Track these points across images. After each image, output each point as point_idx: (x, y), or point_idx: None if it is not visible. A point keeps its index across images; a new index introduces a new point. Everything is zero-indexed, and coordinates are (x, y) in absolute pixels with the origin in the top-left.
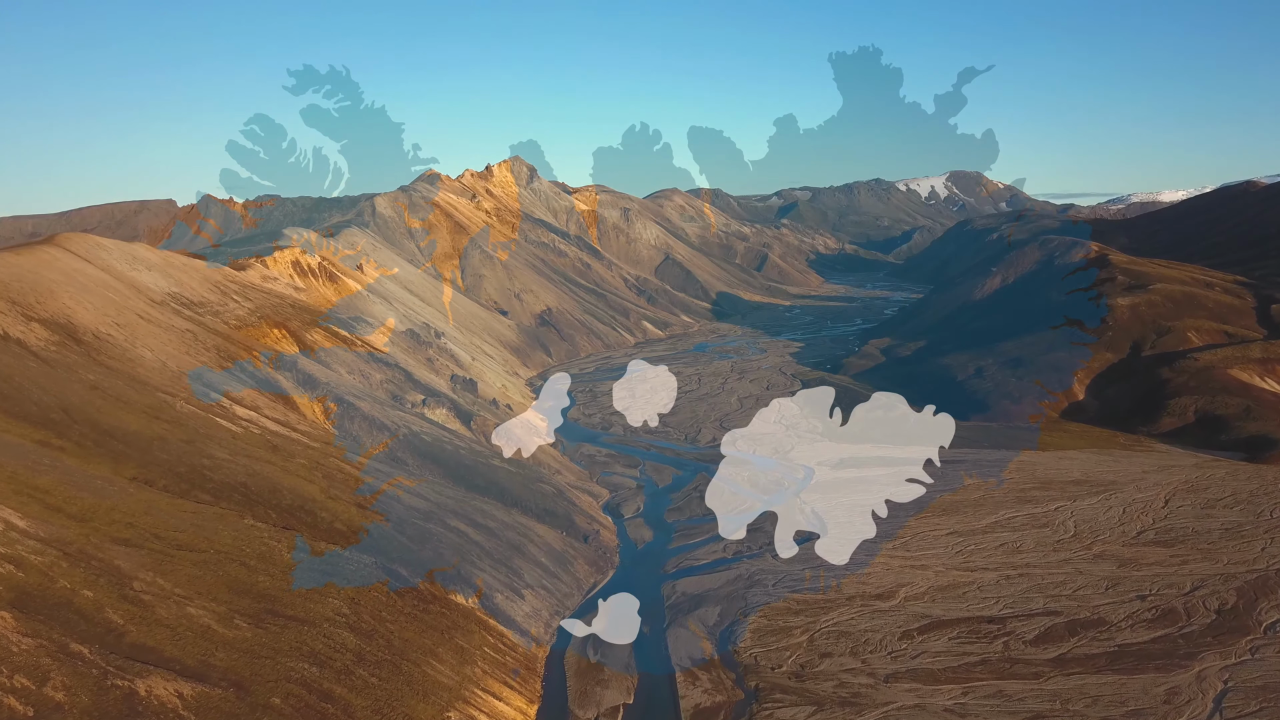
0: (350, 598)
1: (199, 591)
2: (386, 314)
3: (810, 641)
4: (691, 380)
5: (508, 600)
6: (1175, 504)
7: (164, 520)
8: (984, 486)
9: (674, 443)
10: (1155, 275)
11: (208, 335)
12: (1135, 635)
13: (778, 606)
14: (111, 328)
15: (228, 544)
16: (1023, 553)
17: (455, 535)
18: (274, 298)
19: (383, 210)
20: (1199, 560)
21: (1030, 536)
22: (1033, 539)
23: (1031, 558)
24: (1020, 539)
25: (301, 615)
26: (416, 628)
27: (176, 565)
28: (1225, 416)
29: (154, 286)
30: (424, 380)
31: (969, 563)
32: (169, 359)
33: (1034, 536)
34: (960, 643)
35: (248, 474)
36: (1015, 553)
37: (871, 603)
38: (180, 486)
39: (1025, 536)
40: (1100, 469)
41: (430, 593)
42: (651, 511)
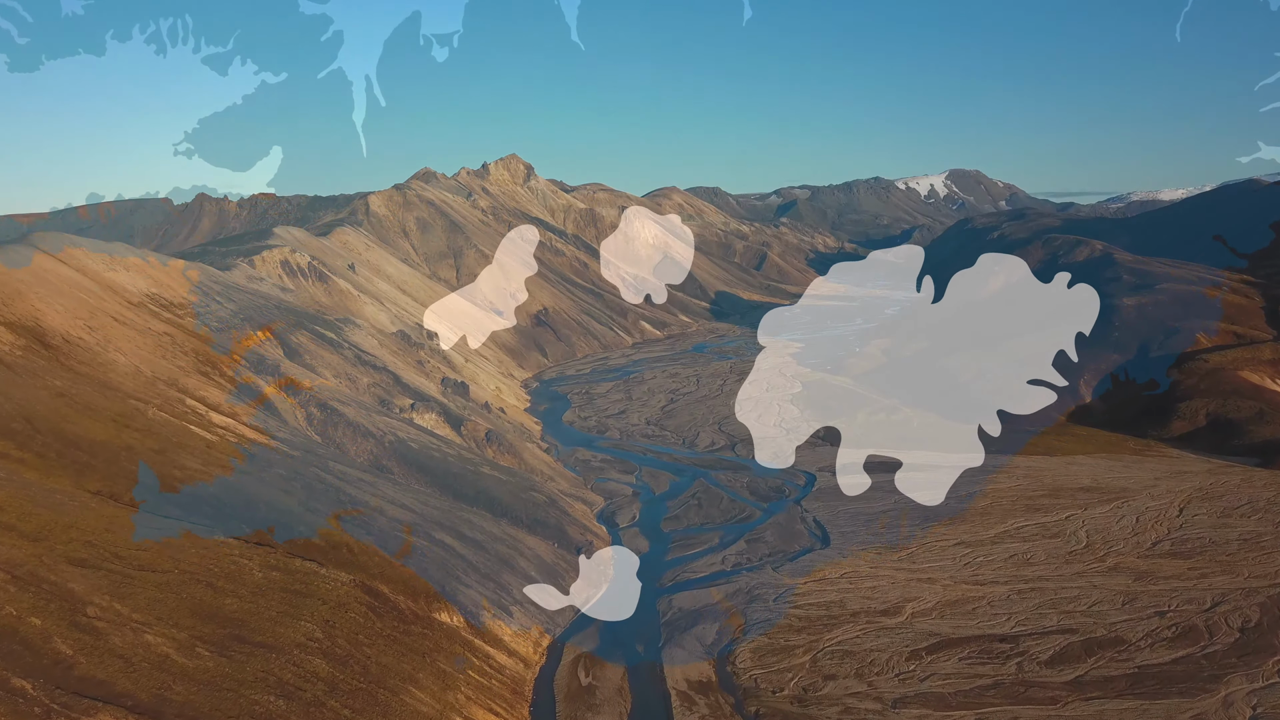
0: (325, 620)
1: (159, 617)
2: (378, 314)
3: (813, 662)
4: (690, 381)
5: (495, 618)
6: (1190, 512)
7: (126, 538)
8: (993, 494)
9: (671, 447)
10: (1161, 274)
11: (186, 338)
12: (1155, 656)
13: (779, 623)
14: (83, 331)
15: (194, 563)
16: (1034, 565)
17: (441, 549)
18: (259, 299)
19: (377, 209)
20: (1218, 573)
21: (1041, 547)
22: (1044, 550)
23: (1043, 570)
24: (1031, 550)
25: (270, 641)
26: (396, 651)
27: (136, 588)
28: (1237, 420)
29: (131, 287)
30: (413, 384)
31: (978, 576)
32: (143, 363)
33: (1045, 547)
34: (971, 664)
35: (221, 486)
36: (1026, 565)
37: (877, 619)
38: (148, 500)
39: (1036, 547)
40: (1111, 475)
41: (412, 612)
42: (647, 520)
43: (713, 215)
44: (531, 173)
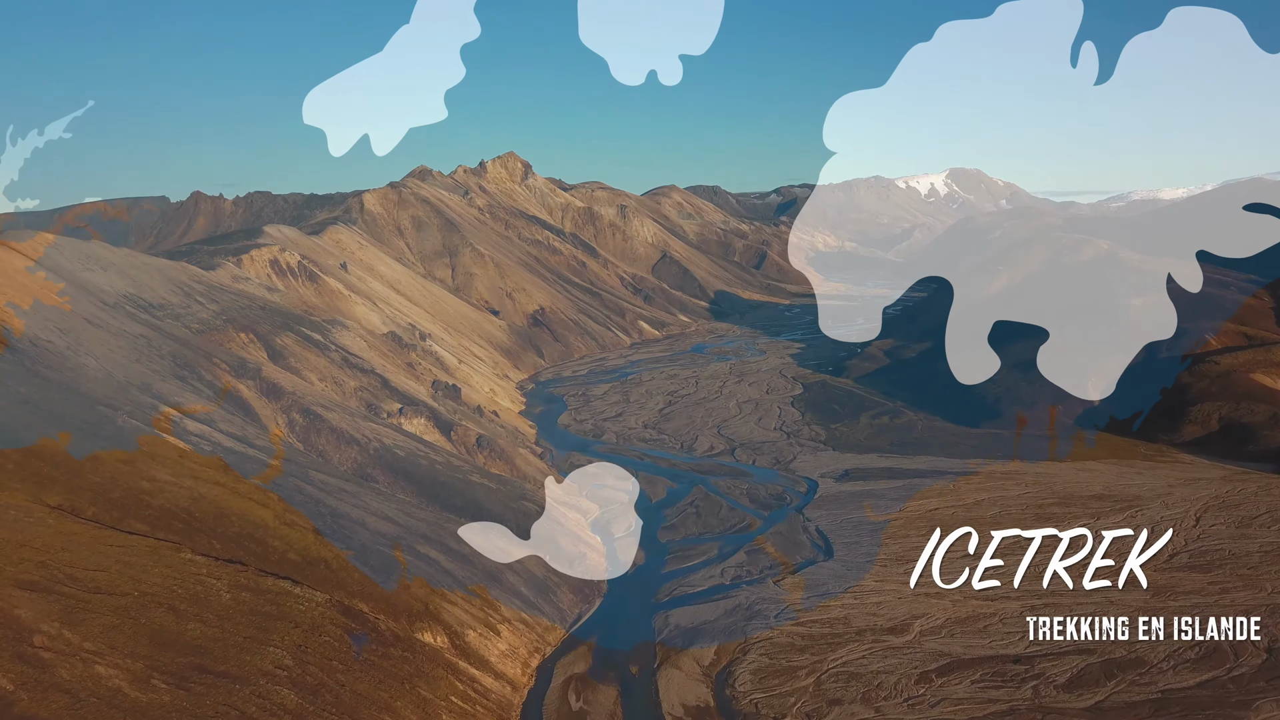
0: (296, 645)
1: (113, 645)
2: (369, 315)
3: (817, 685)
4: (689, 383)
5: (481, 638)
6: (1207, 522)
7: (84, 557)
8: (1001, 502)
9: (669, 451)
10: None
11: (164, 341)
12: (1179, 679)
13: (780, 642)
14: (53, 334)
15: (156, 584)
16: (1045, 578)
17: (426, 564)
18: (243, 299)
19: (371, 207)
20: (1240, 588)
21: (1053, 559)
22: (1056, 562)
23: (1055, 584)
24: (1042, 562)
25: (235, 670)
26: (373, 677)
27: (91, 613)
28: (1251, 425)
29: (108, 288)
30: (402, 387)
31: (988, 590)
32: (116, 368)
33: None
34: (984, 687)
35: (191, 498)
36: (1037, 578)
37: (883, 638)
38: (112, 515)
39: (1047, 559)
40: (1123, 482)
41: (393, 633)
42: (643, 529)
43: (712, 214)
44: (529, 171)
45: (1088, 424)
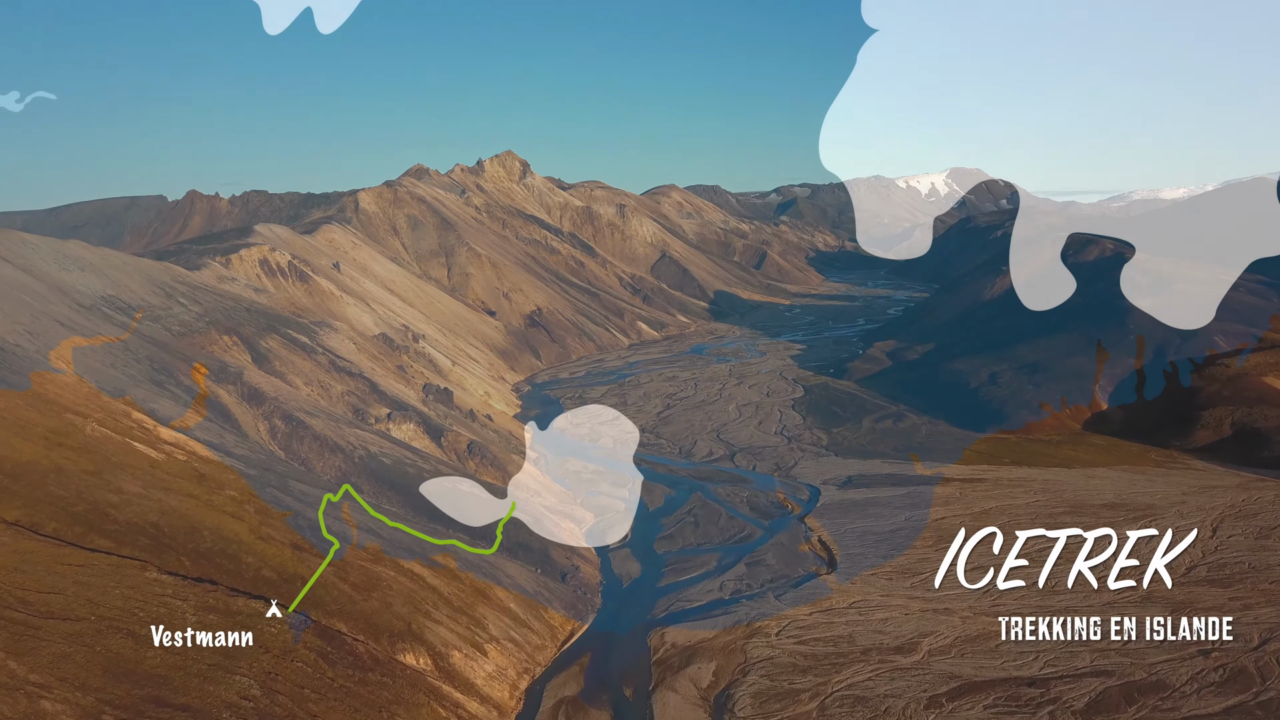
0: (266, 672)
1: (63, 677)
2: (361, 316)
3: (821, 710)
4: (688, 385)
5: (467, 659)
6: (1225, 533)
7: (38, 579)
8: (1009, 510)
9: (667, 457)
10: (1174, 274)
11: (142, 344)
12: (1204, 704)
13: (782, 662)
14: (22, 337)
15: (117, 607)
16: (1059, 593)
17: (409, 579)
18: (228, 300)
19: (366, 206)
20: (1263, 604)
21: (1066, 573)
22: (1069, 576)
23: (1069, 600)
24: (1055, 576)
25: (195, 703)
26: (348, 706)
27: (40, 641)
28: (1265, 430)
29: (84, 289)
30: (391, 391)
31: (999, 606)
32: (88, 372)
33: (1070, 573)
34: (998, 713)
35: (161, 511)
36: (1050, 593)
37: (890, 658)
38: (74, 530)
39: (1060, 573)
40: (1135, 490)
41: (372, 656)
42: (640, 539)
43: (712, 213)
44: (527, 170)
45: (1095, 428)
